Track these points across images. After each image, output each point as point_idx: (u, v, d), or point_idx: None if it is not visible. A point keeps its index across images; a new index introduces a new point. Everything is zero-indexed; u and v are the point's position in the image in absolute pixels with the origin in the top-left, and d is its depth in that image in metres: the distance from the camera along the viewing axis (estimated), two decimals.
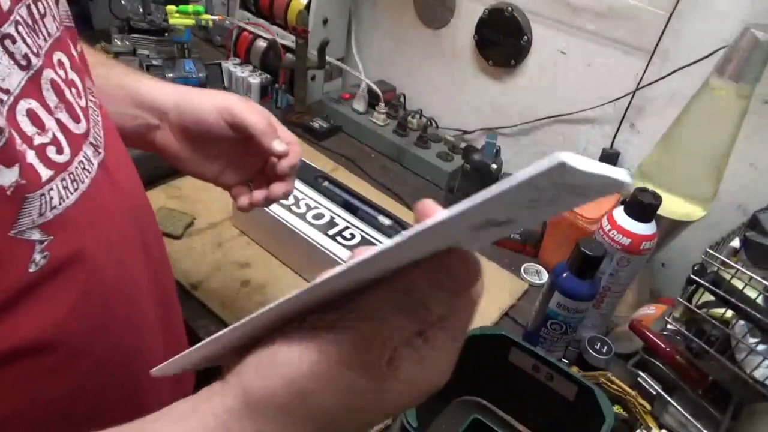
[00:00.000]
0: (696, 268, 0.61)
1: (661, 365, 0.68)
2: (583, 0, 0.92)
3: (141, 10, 1.18)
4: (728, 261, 0.59)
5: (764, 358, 0.56)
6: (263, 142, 0.53)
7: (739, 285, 0.58)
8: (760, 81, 0.69)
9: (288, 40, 1.11)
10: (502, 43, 1.04)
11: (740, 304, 0.57)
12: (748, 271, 0.57)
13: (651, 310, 0.76)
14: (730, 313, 0.59)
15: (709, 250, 0.60)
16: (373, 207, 0.82)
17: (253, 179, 0.59)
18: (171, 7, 1.05)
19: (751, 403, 0.61)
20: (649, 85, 0.90)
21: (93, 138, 0.39)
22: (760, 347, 0.56)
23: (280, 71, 1.12)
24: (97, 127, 0.40)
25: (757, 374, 0.57)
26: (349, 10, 1.22)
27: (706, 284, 0.60)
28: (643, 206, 0.66)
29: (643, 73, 0.89)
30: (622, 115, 0.94)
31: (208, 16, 1.08)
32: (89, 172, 0.37)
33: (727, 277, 0.59)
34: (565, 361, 0.72)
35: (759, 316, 0.56)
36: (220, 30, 1.32)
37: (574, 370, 0.64)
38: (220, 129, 0.54)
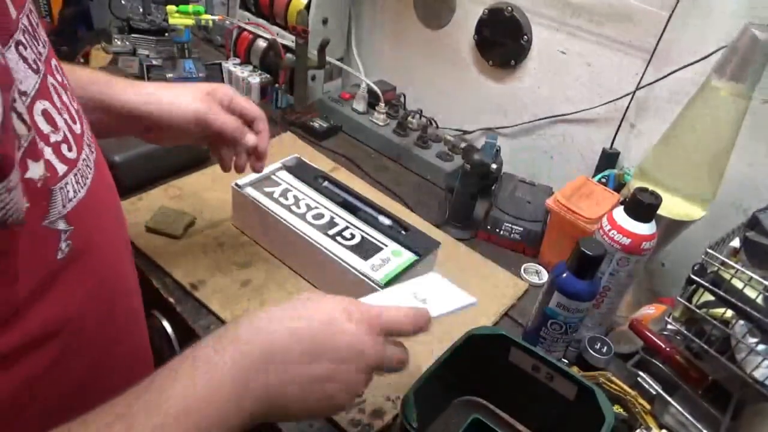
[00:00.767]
0: (696, 268, 0.61)
1: (661, 365, 0.68)
2: (583, 0, 0.92)
3: (141, 10, 1.19)
4: (728, 261, 0.59)
5: (764, 358, 0.56)
6: (236, 140, 0.64)
7: (739, 285, 0.57)
8: (760, 81, 0.69)
9: (288, 40, 1.11)
10: (502, 43, 1.04)
11: (740, 304, 0.57)
12: (748, 271, 0.57)
13: (651, 310, 0.76)
14: (730, 313, 0.59)
15: (709, 250, 0.60)
16: (373, 207, 0.81)
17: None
18: (171, 7, 1.05)
19: (751, 403, 0.61)
20: (649, 85, 0.90)
21: (87, 138, 0.41)
22: (760, 347, 0.56)
23: (280, 71, 1.12)
24: (87, 128, 0.43)
25: (757, 374, 0.57)
26: (349, 10, 1.22)
27: (706, 284, 0.60)
28: (643, 206, 0.66)
29: (643, 73, 0.89)
30: (622, 115, 0.94)
31: (208, 16, 1.09)
32: (90, 170, 0.40)
33: (727, 277, 0.59)
34: (565, 361, 0.72)
35: (759, 316, 0.56)
36: (220, 30, 1.32)
37: (574, 370, 0.64)
38: (195, 136, 0.63)
